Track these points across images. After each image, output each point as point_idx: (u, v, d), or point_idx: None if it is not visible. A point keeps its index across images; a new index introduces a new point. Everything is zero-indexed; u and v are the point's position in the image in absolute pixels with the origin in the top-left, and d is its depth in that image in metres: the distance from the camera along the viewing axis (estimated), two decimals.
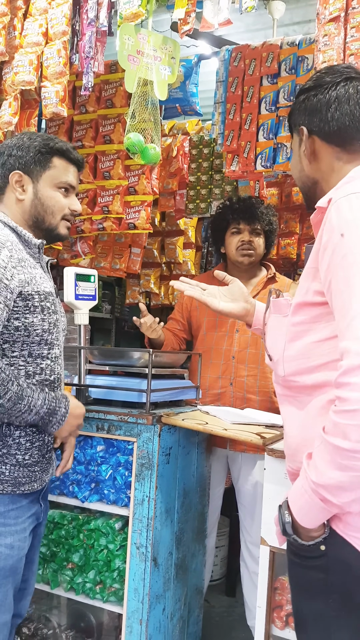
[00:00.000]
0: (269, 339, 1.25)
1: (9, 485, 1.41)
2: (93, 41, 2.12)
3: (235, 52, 2.51)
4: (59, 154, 1.57)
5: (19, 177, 1.54)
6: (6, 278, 1.36)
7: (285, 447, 1.23)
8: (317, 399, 1.11)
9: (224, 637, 2.57)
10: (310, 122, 1.22)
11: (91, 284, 2.03)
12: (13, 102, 2.28)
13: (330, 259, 1.04)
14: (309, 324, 1.12)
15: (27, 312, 1.41)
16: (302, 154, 1.24)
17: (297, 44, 2.35)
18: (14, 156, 1.54)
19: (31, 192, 1.54)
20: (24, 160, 1.54)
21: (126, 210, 2.76)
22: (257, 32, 3.42)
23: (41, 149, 1.55)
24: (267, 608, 1.69)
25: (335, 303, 1.02)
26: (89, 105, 2.80)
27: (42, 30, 2.23)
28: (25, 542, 1.48)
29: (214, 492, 2.36)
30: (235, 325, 2.39)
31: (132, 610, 1.81)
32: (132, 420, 1.84)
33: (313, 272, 1.11)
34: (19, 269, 1.40)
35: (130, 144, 2.12)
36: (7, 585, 1.44)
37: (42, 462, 1.49)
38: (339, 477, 0.98)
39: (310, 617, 1.11)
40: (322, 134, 1.20)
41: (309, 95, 1.23)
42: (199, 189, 3.32)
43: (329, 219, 1.06)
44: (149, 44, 2.09)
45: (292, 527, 1.08)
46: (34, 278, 1.44)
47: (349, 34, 1.76)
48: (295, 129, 1.27)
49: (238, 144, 2.47)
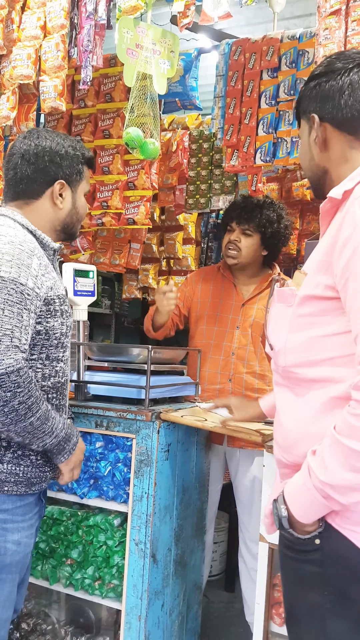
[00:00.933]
0: (271, 327, 1.23)
1: (23, 486, 1.42)
2: (92, 34, 2.10)
3: (236, 45, 2.49)
4: (89, 164, 1.60)
5: (61, 186, 1.53)
6: (37, 287, 1.36)
7: (279, 437, 1.21)
8: (317, 394, 1.10)
9: (223, 633, 2.58)
10: (322, 109, 1.18)
11: (90, 279, 2.02)
12: (11, 96, 2.26)
13: (350, 256, 1.01)
14: (315, 316, 1.11)
15: (49, 317, 1.42)
16: (312, 142, 1.21)
17: (297, 37, 2.33)
18: (56, 164, 1.52)
19: (69, 201, 1.55)
20: (68, 171, 1.53)
21: (125, 205, 2.74)
22: (258, 26, 3.40)
23: (81, 160, 1.56)
24: (266, 604, 1.69)
25: (353, 304, 1.01)
26: (87, 99, 2.78)
27: (40, 24, 2.21)
28: (32, 539, 1.49)
29: (212, 488, 2.36)
30: (236, 322, 2.38)
31: (131, 606, 1.81)
32: (131, 416, 1.83)
33: (326, 266, 1.08)
34: (46, 276, 1.41)
35: (129, 139, 2.11)
36: (13, 582, 1.45)
37: (51, 463, 1.50)
38: (352, 479, 0.99)
39: (304, 611, 1.12)
40: (335, 122, 1.17)
41: (321, 81, 1.19)
42: (198, 184, 3.30)
43: (351, 214, 1.03)
44: (148, 37, 2.07)
45: (288, 521, 1.08)
46: (55, 283, 1.45)
47: (349, 28, 1.74)
48: (304, 116, 1.23)
49: (238, 139, 2.46)
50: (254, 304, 2.40)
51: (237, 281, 2.46)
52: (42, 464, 1.46)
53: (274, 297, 1.25)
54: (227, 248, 2.40)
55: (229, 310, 2.41)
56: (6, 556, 1.41)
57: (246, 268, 2.43)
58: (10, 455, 1.40)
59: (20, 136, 1.56)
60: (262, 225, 2.35)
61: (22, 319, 1.31)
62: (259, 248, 2.40)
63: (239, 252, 2.37)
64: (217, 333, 2.40)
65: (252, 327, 2.35)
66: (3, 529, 1.40)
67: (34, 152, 1.51)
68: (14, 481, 1.41)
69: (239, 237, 2.37)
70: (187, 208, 3.38)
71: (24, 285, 1.32)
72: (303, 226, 3.38)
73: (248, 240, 2.37)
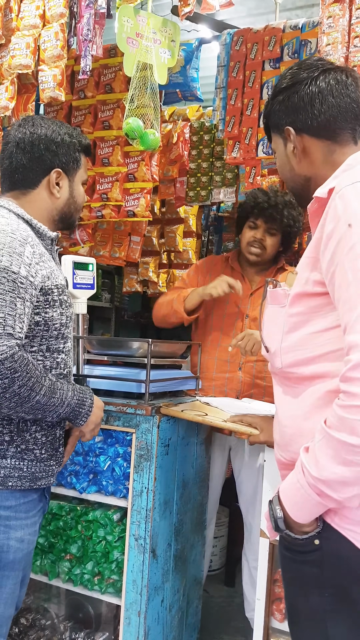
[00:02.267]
0: (266, 330, 1.23)
1: (27, 481, 1.41)
2: (91, 24, 2.06)
3: (237, 35, 2.45)
4: (86, 152, 1.57)
5: (58, 175, 1.50)
6: (31, 275, 1.34)
7: (278, 436, 1.21)
8: (312, 389, 1.09)
9: (223, 627, 2.57)
10: (295, 121, 1.20)
11: (89, 272, 2.00)
12: (10, 86, 2.23)
13: (335, 249, 1.01)
14: (307, 314, 1.10)
15: (47, 307, 1.40)
16: (289, 154, 1.22)
17: (300, 27, 2.29)
18: (52, 152, 1.49)
19: (67, 190, 1.53)
20: (64, 159, 1.51)
21: (125, 197, 2.72)
22: (259, 17, 3.36)
23: (77, 147, 1.53)
24: (267, 600, 1.68)
25: (340, 295, 1.00)
26: (87, 90, 2.75)
27: (39, 13, 2.18)
28: (35, 536, 1.48)
29: (214, 483, 2.35)
30: (245, 310, 2.37)
31: (130, 601, 1.80)
32: (131, 411, 1.82)
33: (313, 262, 1.09)
34: (41, 265, 1.38)
35: (129, 129, 2.08)
36: (16, 579, 1.44)
37: (57, 456, 1.49)
38: (343, 473, 0.96)
39: (304, 612, 1.10)
40: (311, 131, 1.18)
41: (289, 93, 1.21)
42: (199, 176, 3.27)
43: (333, 208, 1.03)
44: (149, 26, 2.04)
45: (284, 522, 1.07)
46: (53, 272, 1.43)
47: (354, 16, 1.71)
48: (277, 131, 1.25)
49: (239, 130, 2.43)
50: (261, 293, 2.39)
51: (246, 273, 2.46)
52: (47, 458, 1.45)
53: (267, 299, 1.25)
54: (250, 245, 2.38)
55: (237, 299, 2.39)
56: (9, 553, 1.39)
57: (264, 264, 2.44)
58: (13, 450, 1.39)
59: (15, 124, 1.53)
60: (287, 225, 2.36)
61: (16, 307, 1.28)
62: (279, 246, 2.42)
63: (264, 251, 2.37)
64: (226, 320, 2.39)
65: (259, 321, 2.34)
66: (6, 526, 1.38)
67: (30, 141, 1.48)
68: (18, 476, 1.39)
69: (264, 236, 2.36)
70: (187, 201, 3.35)
71: (17, 273, 1.30)
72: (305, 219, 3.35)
73: (273, 240, 2.38)
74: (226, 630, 2.55)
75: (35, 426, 1.42)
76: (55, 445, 1.48)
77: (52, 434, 1.47)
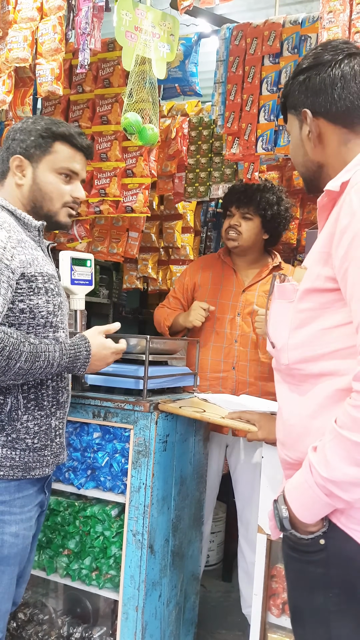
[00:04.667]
0: (272, 325, 1.20)
1: (20, 471, 1.40)
2: (90, 17, 2.04)
3: (237, 30, 2.44)
4: (61, 139, 1.52)
5: (19, 161, 1.50)
6: (6, 258, 1.33)
7: (283, 435, 1.18)
8: (321, 387, 1.07)
9: (220, 622, 2.58)
10: (314, 104, 1.15)
11: (87, 268, 1.99)
12: (7, 79, 2.21)
13: (349, 245, 0.98)
14: (317, 310, 1.08)
15: (31, 294, 1.39)
16: (304, 138, 1.19)
17: (300, 22, 2.28)
18: (17, 140, 1.51)
19: (30, 176, 1.51)
20: (25, 145, 1.50)
21: (123, 193, 2.70)
22: (259, 12, 3.35)
23: (42, 133, 1.50)
24: (264, 596, 1.68)
25: (354, 292, 0.98)
26: (85, 84, 2.73)
27: (36, 5, 2.16)
28: (30, 531, 1.48)
29: (212, 480, 2.35)
30: (237, 308, 2.37)
31: (128, 597, 1.81)
32: (129, 407, 1.81)
33: (325, 257, 1.06)
34: (19, 250, 1.37)
35: (127, 124, 2.07)
36: (11, 574, 1.44)
37: (52, 447, 1.48)
38: (354, 473, 0.95)
39: (309, 613, 1.09)
40: (329, 116, 1.15)
41: (310, 74, 1.16)
42: (198, 171, 3.26)
43: (348, 202, 1.01)
44: (148, 19, 2.03)
45: (289, 522, 1.06)
46: (36, 259, 1.42)
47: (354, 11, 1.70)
48: (294, 112, 1.21)
49: (239, 126, 2.41)
50: (254, 290, 2.38)
51: (238, 267, 2.45)
52: (41, 448, 1.44)
53: (274, 293, 1.22)
54: (227, 232, 2.40)
55: (228, 296, 2.39)
56: (4, 548, 1.39)
57: (247, 253, 2.42)
58: (4, 439, 1.38)
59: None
60: (262, 208, 2.35)
61: None
62: (260, 231, 2.40)
63: (240, 235, 2.37)
64: (218, 320, 2.38)
65: (253, 314, 2.33)
66: (0, 521, 1.38)
67: (6, 136, 1.54)
68: (10, 465, 1.39)
69: (239, 221, 2.37)
70: (186, 196, 3.34)
71: None
72: (303, 215, 3.35)
73: (248, 224, 2.37)
74: (223, 625, 2.56)
75: (26, 415, 1.41)
76: (50, 436, 1.47)
77: (47, 423, 1.46)
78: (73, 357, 1.43)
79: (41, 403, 1.46)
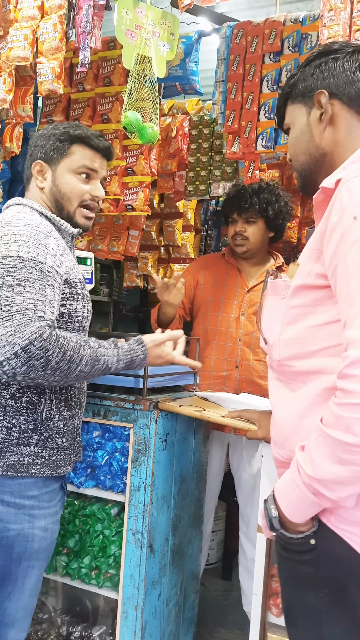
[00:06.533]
0: (265, 321, 1.21)
1: (49, 469, 1.44)
2: (90, 15, 2.04)
3: (237, 28, 2.43)
4: (78, 141, 1.57)
5: (40, 166, 1.56)
6: (57, 265, 1.39)
7: (274, 433, 1.18)
8: (311, 385, 1.07)
9: (220, 621, 2.58)
10: (331, 85, 1.15)
11: (88, 267, 1.99)
12: (8, 78, 2.21)
13: (339, 242, 0.98)
14: (308, 307, 1.08)
15: (71, 299, 1.45)
16: (313, 123, 1.17)
17: (300, 20, 2.27)
18: (38, 146, 1.57)
19: (50, 179, 1.56)
20: (44, 150, 1.56)
21: (124, 191, 2.70)
22: (259, 10, 3.34)
23: (60, 137, 1.55)
24: (264, 595, 1.68)
25: (342, 289, 0.97)
26: (86, 83, 2.73)
27: (37, 4, 2.16)
28: (57, 525, 1.51)
29: (213, 479, 2.35)
30: (241, 308, 2.37)
31: (127, 596, 1.81)
32: (129, 406, 1.81)
33: (316, 254, 1.06)
34: (65, 257, 1.44)
35: (127, 123, 2.06)
36: (40, 569, 1.47)
37: (75, 446, 1.53)
38: (339, 472, 0.94)
39: (300, 612, 1.09)
40: (347, 97, 1.14)
41: (326, 59, 1.16)
42: (198, 170, 3.25)
43: (339, 199, 1.01)
44: (148, 18, 2.03)
45: (279, 521, 1.05)
46: (75, 266, 1.48)
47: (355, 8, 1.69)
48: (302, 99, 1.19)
49: (239, 124, 2.41)
50: (258, 291, 2.38)
51: (242, 267, 2.45)
52: (67, 447, 1.49)
53: (267, 290, 1.23)
54: (234, 239, 2.41)
55: (233, 296, 2.39)
56: (34, 542, 1.42)
57: (255, 255, 2.44)
58: (37, 438, 1.42)
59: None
60: (263, 209, 2.36)
61: (45, 293, 1.32)
62: (265, 232, 2.42)
63: (247, 241, 2.38)
64: (222, 319, 2.38)
65: (257, 315, 2.33)
66: (30, 515, 1.41)
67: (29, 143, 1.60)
68: (41, 464, 1.43)
69: (243, 227, 2.38)
70: (186, 195, 3.33)
71: (43, 263, 1.34)
72: (304, 214, 3.33)
73: (253, 228, 2.39)
74: (223, 623, 2.56)
75: (58, 415, 1.46)
76: (74, 434, 1.52)
77: (72, 423, 1.51)
78: (129, 361, 1.47)
79: (70, 404, 1.50)
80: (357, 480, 0.95)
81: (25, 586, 1.43)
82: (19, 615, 1.44)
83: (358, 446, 0.91)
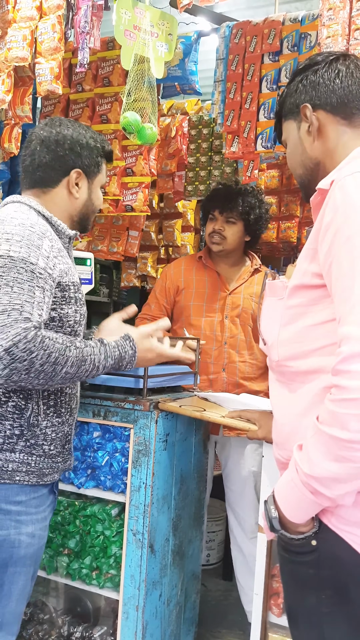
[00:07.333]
0: (264, 322, 1.21)
1: (35, 477, 1.41)
2: (89, 15, 2.04)
3: (236, 28, 2.43)
4: (106, 158, 1.60)
5: (78, 175, 1.52)
6: (50, 267, 1.36)
7: (275, 434, 1.18)
8: (310, 386, 1.07)
9: (221, 621, 2.58)
10: (314, 96, 1.18)
11: (87, 267, 1.99)
12: (6, 79, 2.21)
13: (332, 240, 0.99)
14: (305, 306, 1.08)
15: (63, 303, 1.41)
16: (303, 136, 1.20)
17: (299, 20, 2.28)
18: (76, 153, 1.52)
19: (86, 192, 1.55)
20: (87, 161, 1.53)
21: (123, 192, 2.70)
22: (259, 10, 3.34)
23: (100, 152, 1.56)
24: (264, 595, 1.68)
25: (336, 286, 0.98)
26: (85, 83, 2.73)
27: (36, 4, 2.15)
28: (45, 532, 1.49)
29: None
30: (224, 311, 2.39)
31: (128, 596, 1.80)
32: (129, 406, 1.81)
33: (312, 254, 1.06)
34: (59, 259, 1.41)
35: (126, 123, 2.06)
36: (27, 575, 1.44)
37: (63, 453, 1.49)
38: (334, 469, 0.93)
39: (302, 613, 1.09)
40: (329, 106, 1.17)
41: (307, 73, 1.20)
42: (198, 170, 3.25)
43: (332, 198, 1.01)
44: (146, 19, 2.03)
45: (279, 522, 1.05)
46: (70, 269, 1.45)
47: (354, 8, 1.69)
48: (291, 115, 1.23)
49: (238, 124, 2.41)
50: (239, 293, 2.41)
51: (220, 269, 2.46)
52: (55, 455, 1.45)
53: (265, 291, 1.23)
54: (211, 237, 2.41)
55: (215, 299, 2.40)
56: (20, 548, 1.40)
57: (230, 255, 2.45)
58: (22, 444, 1.39)
59: (42, 123, 1.56)
60: (245, 212, 2.38)
61: (34, 295, 1.29)
62: (243, 235, 2.44)
63: (224, 240, 2.39)
64: (205, 323, 2.39)
65: (240, 317, 2.37)
66: (17, 521, 1.39)
67: (55, 140, 1.50)
68: (26, 471, 1.39)
69: (222, 226, 2.40)
70: (186, 195, 3.33)
71: (35, 264, 1.32)
72: (303, 214, 3.33)
73: (232, 228, 2.40)
74: (224, 624, 2.56)
75: (46, 421, 1.42)
76: (63, 442, 1.48)
77: (62, 430, 1.47)
78: (118, 358, 1.44)
79: (59, 410, 1.46)
80: (354, 477, 0.94)
81: (12, 592, 1.40)
82: (6, 619, 1.41)
83: (353, 442, 0.90)
